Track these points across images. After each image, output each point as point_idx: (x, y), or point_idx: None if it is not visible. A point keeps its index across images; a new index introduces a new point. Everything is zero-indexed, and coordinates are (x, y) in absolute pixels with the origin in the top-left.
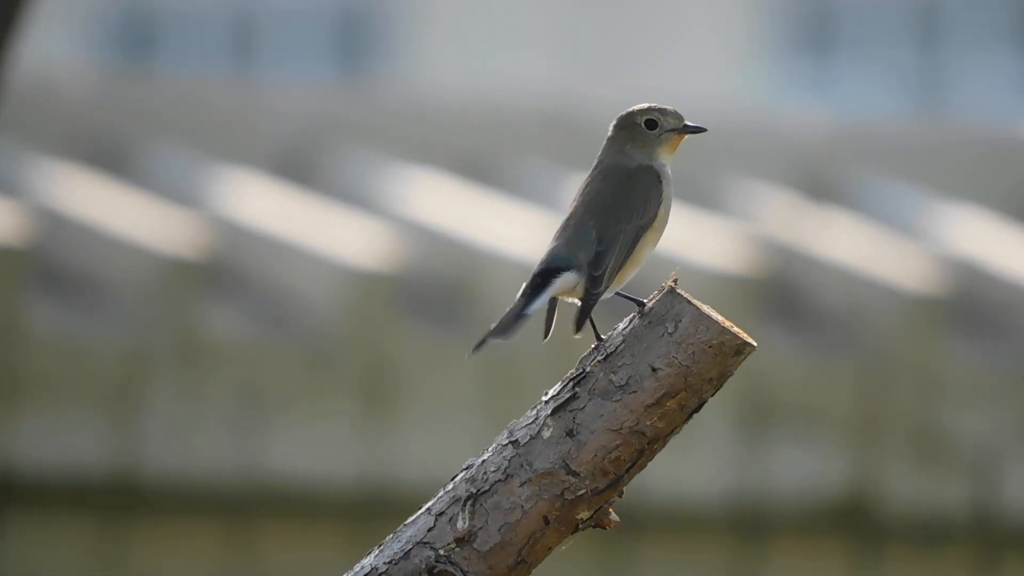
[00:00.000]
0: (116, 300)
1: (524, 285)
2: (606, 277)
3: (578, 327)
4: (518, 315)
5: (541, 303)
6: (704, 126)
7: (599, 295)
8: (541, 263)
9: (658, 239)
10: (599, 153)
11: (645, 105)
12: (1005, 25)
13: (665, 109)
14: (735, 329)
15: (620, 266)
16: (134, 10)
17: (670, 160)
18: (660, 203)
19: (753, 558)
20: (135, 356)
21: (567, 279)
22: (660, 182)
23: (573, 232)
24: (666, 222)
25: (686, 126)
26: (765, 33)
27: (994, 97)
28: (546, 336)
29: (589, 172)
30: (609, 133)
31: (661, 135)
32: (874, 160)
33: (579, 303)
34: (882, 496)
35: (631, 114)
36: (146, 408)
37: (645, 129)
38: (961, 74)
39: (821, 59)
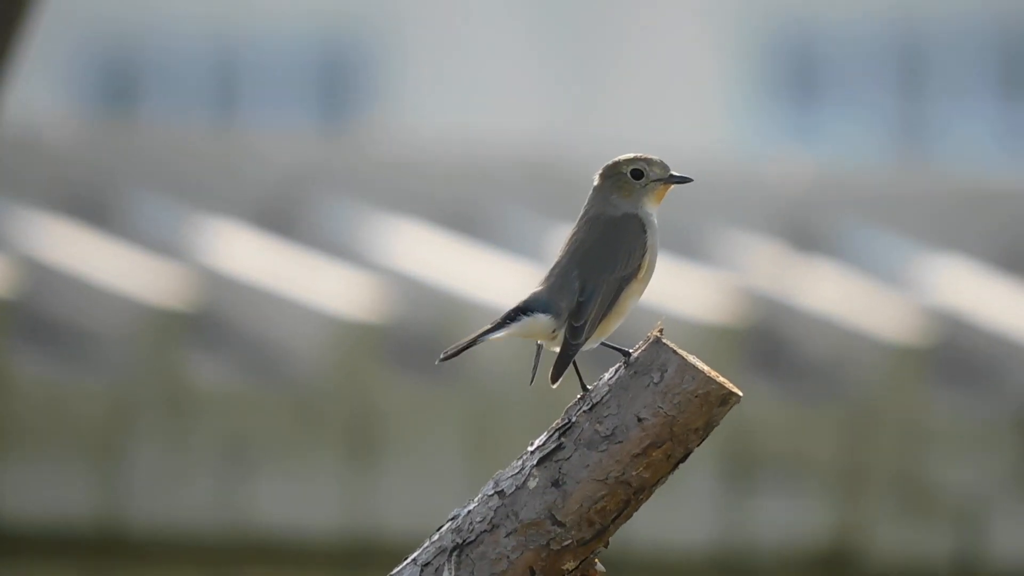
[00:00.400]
0: (101, 350)
1: (499, 318)
2: (586, 328)
3: (555, 377)
4: (474, 340)
5: (501, 334)
6: (690, 176)
7: (579, 346)
8: (519, 303)
9: (643, 289)
10: (585, 203)
11: (631, 155)
12: (988, 73)
13: (651, 159)
14: (720, 379)
15: (602, 317)
16: (116, 60)
17: (656, 209)
18: (645, 253)
19: None
20: (120, 406)
21: (538, 319)
22: (645, 231)
23: (556, 280)
24: (652, 272)
25: (672, 176)
26: (749, 81)
27: (977, 145)
28: (532, 380)
29: (576, 221)
30: (595, 183)
31: (647, 184)
32: (858, 209)
33: (558, 352)
34: (866, 545)
35: (617, 163)
36: (131, 458)
37: (631, 178)
38: (944, 122)
39: (804, 107)
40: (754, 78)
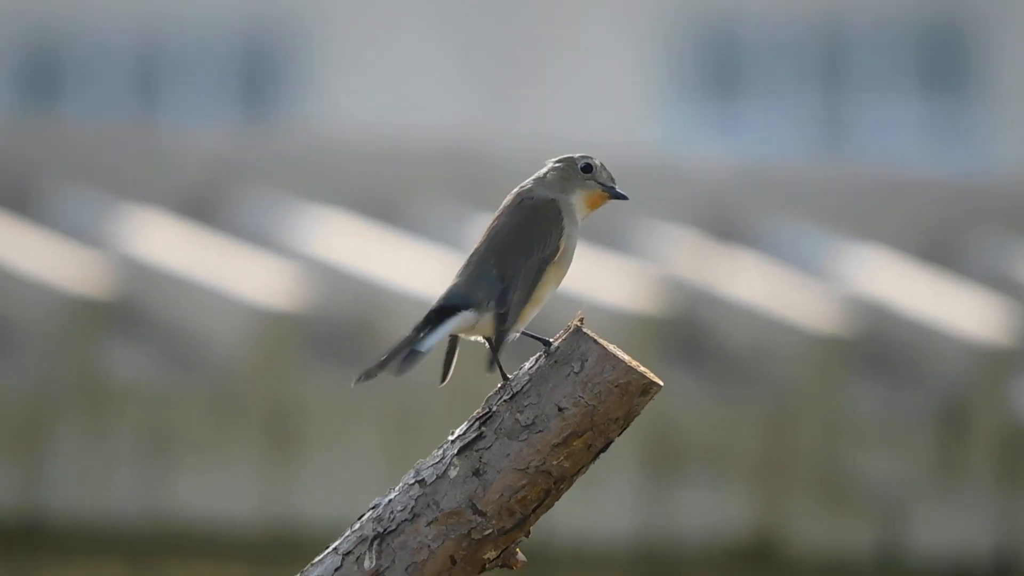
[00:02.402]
0: (20, 341)
1: (419, 321)
2: (511, 313)
3: (491, 365)
4: (412, 351)
5: (437, 340)
6: (627, 196)
7: (507, 331)
8: (439, 300)
9: (561, 277)
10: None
11: (588, 154)
12: (908, 67)
13: (604, 165)
14: (641, 368)
15: (525, 301)
16: (38, 53)
17: (582, 207)
18: (561, 236)
19: None
20: (39, 397)
21: (464, 318)
22: (561, 216)
23: (474, 269)
24: (570, 258)
25: (613, 188)
26: (670, 75)
27: (897, 139)
28: (443, 380)
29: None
30: (543, 169)
31: (587, 181)
32: (778, 201)
33: (484, 341)
34: (788, 538)
35: (571, 156)
36: (51, 450)
37: (579, 169)
38: (864, 116)
39: (726, 102)
40: (675, 72)
